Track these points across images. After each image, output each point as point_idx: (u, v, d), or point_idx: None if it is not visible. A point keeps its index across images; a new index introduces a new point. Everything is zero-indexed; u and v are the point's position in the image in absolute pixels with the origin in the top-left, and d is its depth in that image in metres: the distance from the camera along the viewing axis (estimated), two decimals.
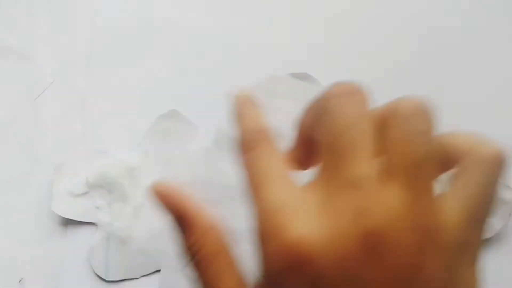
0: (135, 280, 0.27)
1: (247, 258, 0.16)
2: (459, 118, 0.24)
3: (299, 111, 0.28)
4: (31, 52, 0.32)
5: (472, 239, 0.14)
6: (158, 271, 0.27)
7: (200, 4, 0.32)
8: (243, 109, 0.20)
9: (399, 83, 0.30)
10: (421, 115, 0.14)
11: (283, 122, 0.28)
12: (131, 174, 0.28)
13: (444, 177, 0.15)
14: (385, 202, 0.13)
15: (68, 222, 0.28)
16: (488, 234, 0.26)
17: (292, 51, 0.31)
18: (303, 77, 0.30)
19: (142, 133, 0.29)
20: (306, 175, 0.16)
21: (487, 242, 0.26)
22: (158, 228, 0.27)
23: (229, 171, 0.28)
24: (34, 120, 0.31)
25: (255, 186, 0.16)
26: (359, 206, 0.13)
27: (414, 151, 0.13)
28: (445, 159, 0.15)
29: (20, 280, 0.27)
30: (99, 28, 0.32)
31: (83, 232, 0.28)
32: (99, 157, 0.29)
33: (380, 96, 0.15)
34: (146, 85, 0.30)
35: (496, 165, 0.14)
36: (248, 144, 0.17)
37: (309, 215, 0.14)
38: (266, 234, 0.14)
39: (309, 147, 0.17)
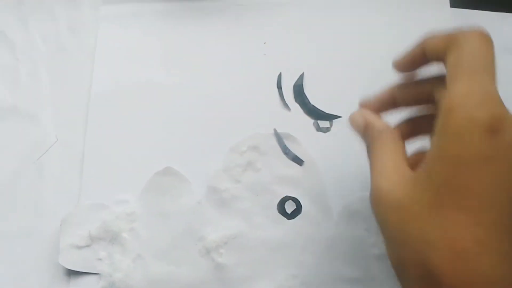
0: None
1: None
2: None
3: (280, 168, 0.32)
4: (35, 112, 0.34)
5: None
6: None
7: (187, 68, 0.35)
8: (366, 114, 0.27)
9: None
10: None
11: (265, 177, 0.32)
12: (130, 226, 0.31)
13: None
14: None
15: (71, 273, 0.31)
16: None
17: (276, 111, 0.34)
18: (285, 136, 0.33)
19: (140, 188, 0.32)
20: None
21: None
22: (154, 277, 0.30)
23: (218, 222, 0.31)
24: (37, 177, 0.33)
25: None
26: None
27: None
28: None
29: None
30: (96, 91, 0.34)
31: (86, 283, 0.30)
32: (100, 211, 0.31)
33: None
34: (141, 144, 0.33)
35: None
36: (375, 134, 0.23)
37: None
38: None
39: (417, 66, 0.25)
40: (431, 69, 0.24)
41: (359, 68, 0.35)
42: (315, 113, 0.34)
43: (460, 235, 0.19)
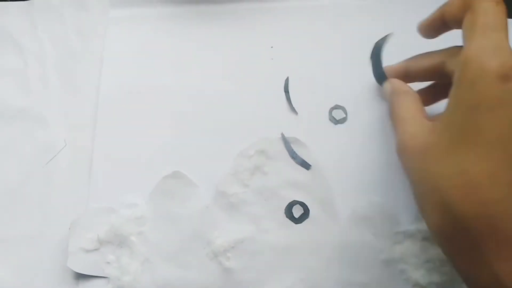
0: None
1: None
2: None
3: (288, 173, 0.32)
4: (43, 116, 0.35)
5: None
6: None
7: (198, 71, 0.35)
8: (392, 81, 0.30)
9: None
10: None
11: (273, 182, 0.32)
12: (138, 230, 0.31)
13: None
14: None
15: (80, 277, 0.31)
16: None
17: (284, 115, 0.34)
18: (292, 141, 0.33)
19: (148, 192, 0.32)
20: None
21: None
22: (162, 281, 0.30)
23: (226, 226, 0.31)
24: (46, 181, 0.33)
25: None
26: None
27: None
28: None
29: None
30: (104, 94, 0.35)
31: (94, 286, 0.31)
32: (109, 215, 0.31)
33: None
34: (150, 148, 0.33)
35: None
36: None
37: None
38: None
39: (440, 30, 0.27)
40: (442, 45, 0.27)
41: (367, 72, 0.35)
42: (382, 78, 0.32)
43: (473, 169, 0.21)
